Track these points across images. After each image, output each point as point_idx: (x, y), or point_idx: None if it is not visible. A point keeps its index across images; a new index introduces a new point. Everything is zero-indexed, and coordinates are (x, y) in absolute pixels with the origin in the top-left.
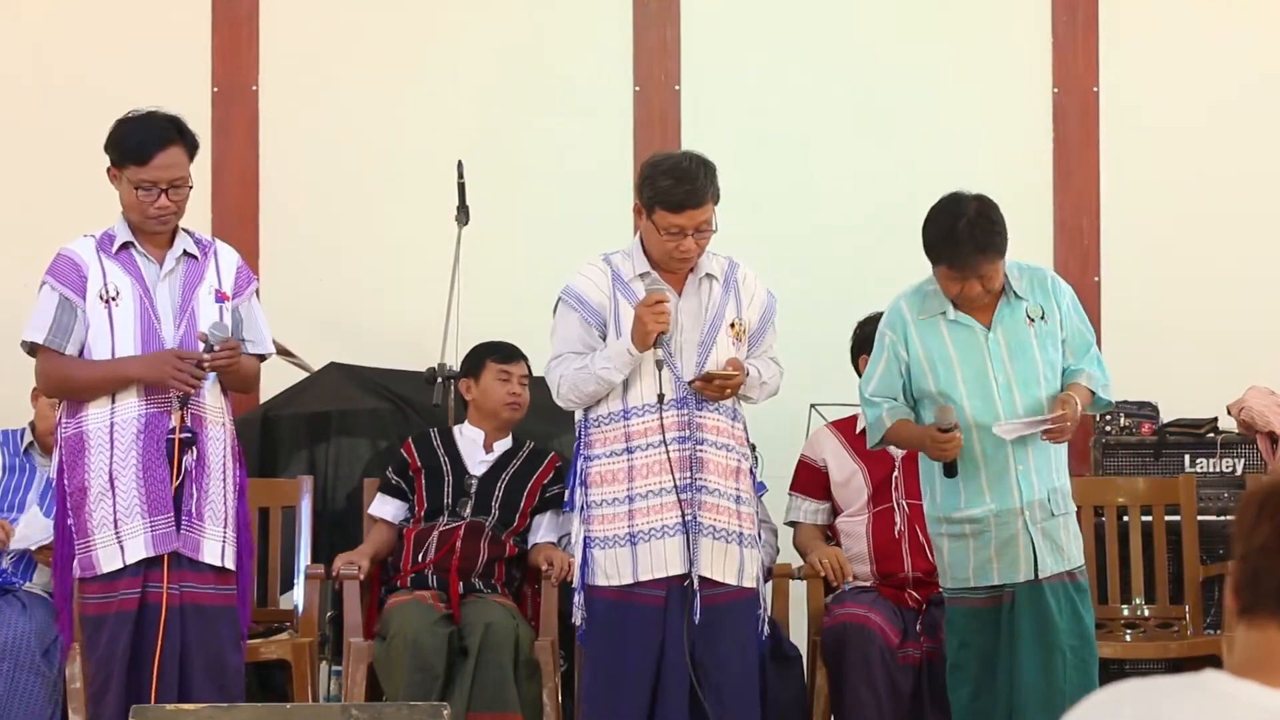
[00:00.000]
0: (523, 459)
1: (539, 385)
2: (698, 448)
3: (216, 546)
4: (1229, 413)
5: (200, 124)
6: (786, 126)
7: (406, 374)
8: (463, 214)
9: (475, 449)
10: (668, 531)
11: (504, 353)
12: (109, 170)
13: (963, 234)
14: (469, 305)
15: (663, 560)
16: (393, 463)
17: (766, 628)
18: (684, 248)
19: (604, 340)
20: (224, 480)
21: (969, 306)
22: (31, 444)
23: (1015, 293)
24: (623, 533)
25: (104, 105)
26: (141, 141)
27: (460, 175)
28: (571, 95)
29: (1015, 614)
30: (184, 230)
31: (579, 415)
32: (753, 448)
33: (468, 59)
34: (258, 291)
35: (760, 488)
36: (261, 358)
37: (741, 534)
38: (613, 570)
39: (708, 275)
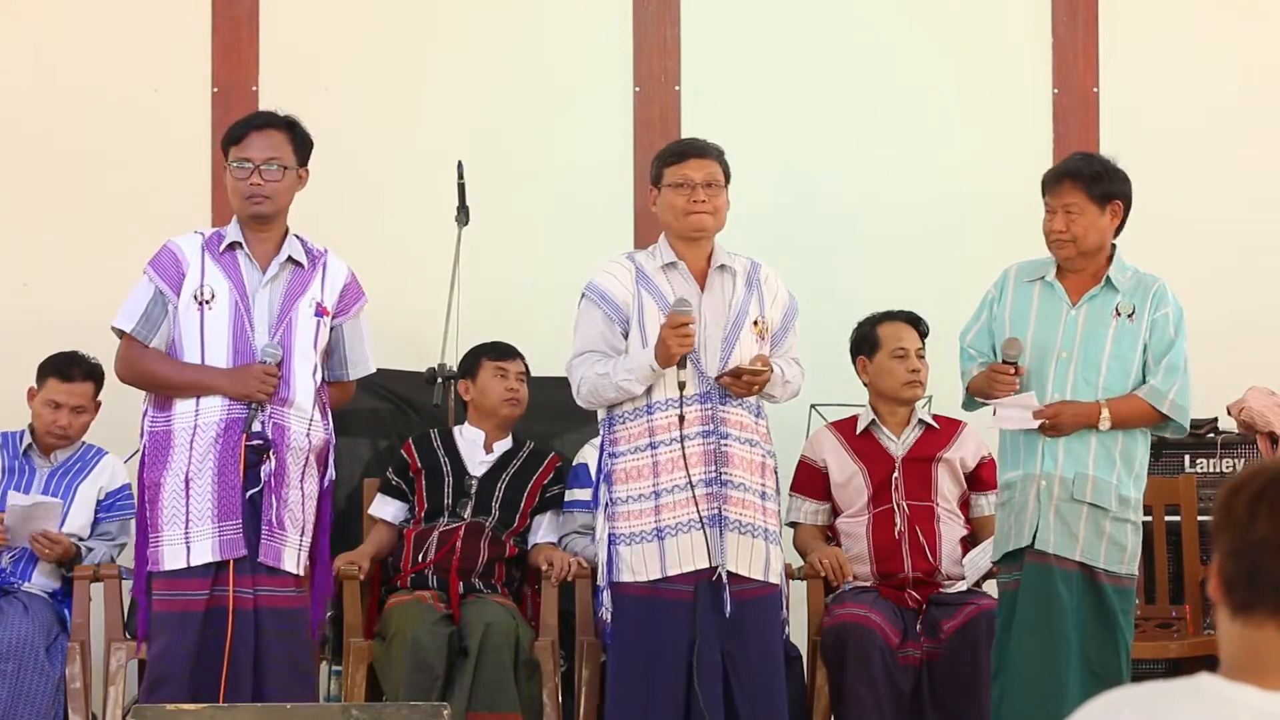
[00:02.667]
0: (523, 459)
1: (539, 384)
2: (722, 442)
3: (295, 554)
4: (1229, 413)
5: (200, 124)
6: (787, 127)
7: (406, 374)
8: (463, 214)
9: (475, 449)
10: (693, 525)
11: (499, 350)
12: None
13: (1068, 158)
14: (469, 305)
15: (690, 554)
16: (393, 463)
17: (789, 628)
18: (696, 199)
19: (625, 338)
20: (302, 487)
21: (1063, 255)
22: (31, 445)
23: (1113, 283)
24: (650, 528)
25: (104, 106)
26: (240, 125)
27: (460, 175)
28: (572, 95)
29: (1019, 593)
30: (297, 236)
31: (603, 412)
32: None
33: (468, 59)
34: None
35: None
36: (360, 379)
37: (767, 530)
38: (640, 566)
39: (723, 267)
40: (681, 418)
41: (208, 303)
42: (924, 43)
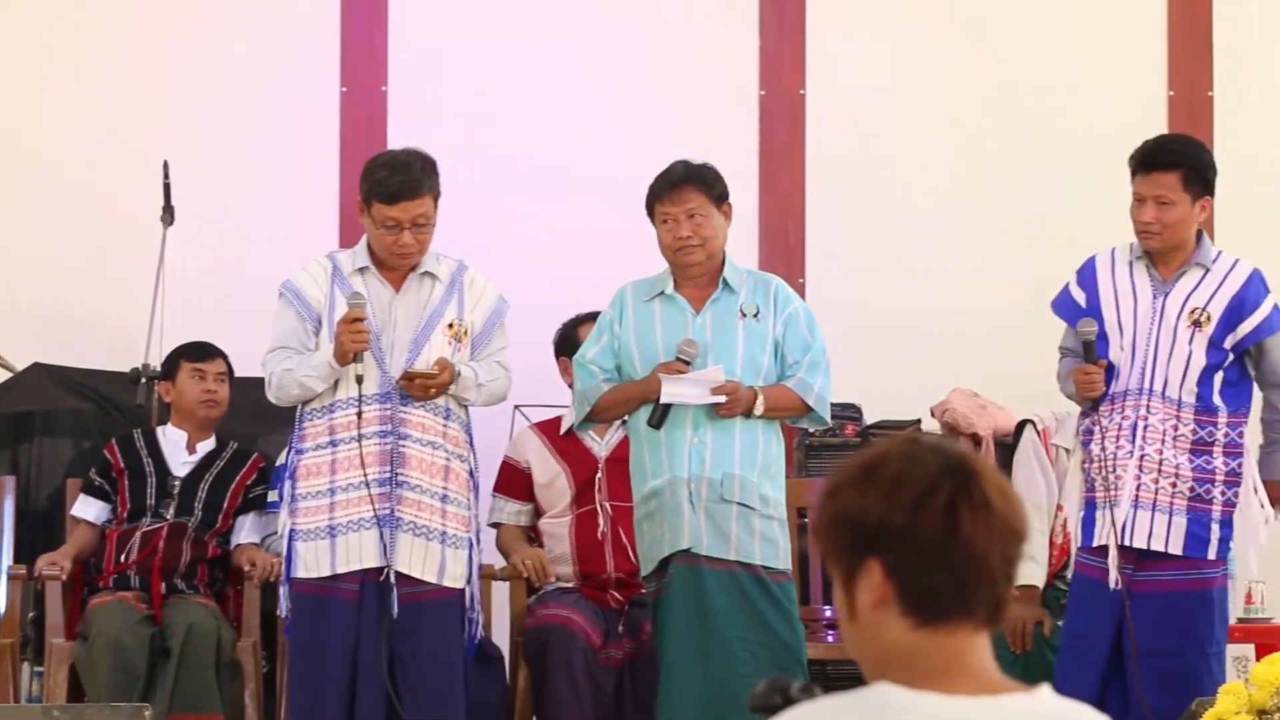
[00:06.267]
0: (226, 460)
1: (241, 385)
2: (400, 443)
3: None
4: (932, 415)
5: None
6: (495, 125)
7: (110, 374)
8: (168, 214)
9: (178, 450)
10: (364, 524)
11: (197, 352)
12: None
13: (675, 166)
14: (174, 305)
15: (358, 553)
16: (95, 463)
17: (480, 631)
18: (403, 242)
19: (317, 335)
20: None
21: (684, 267)
22: None
23: (730, 285)
24: (323, 525)
25: None
26: None
27: (166, 175)
28: (279, 96)
29: (669, 597)
30: None
31: (298, 408)
32: None
33: (175, 58)
34: None
35: None
36: None
37: (445, 533)
38: (313, 563)
39: (427, 273)
40: (359, 414)
41: None
42: (633, 40)
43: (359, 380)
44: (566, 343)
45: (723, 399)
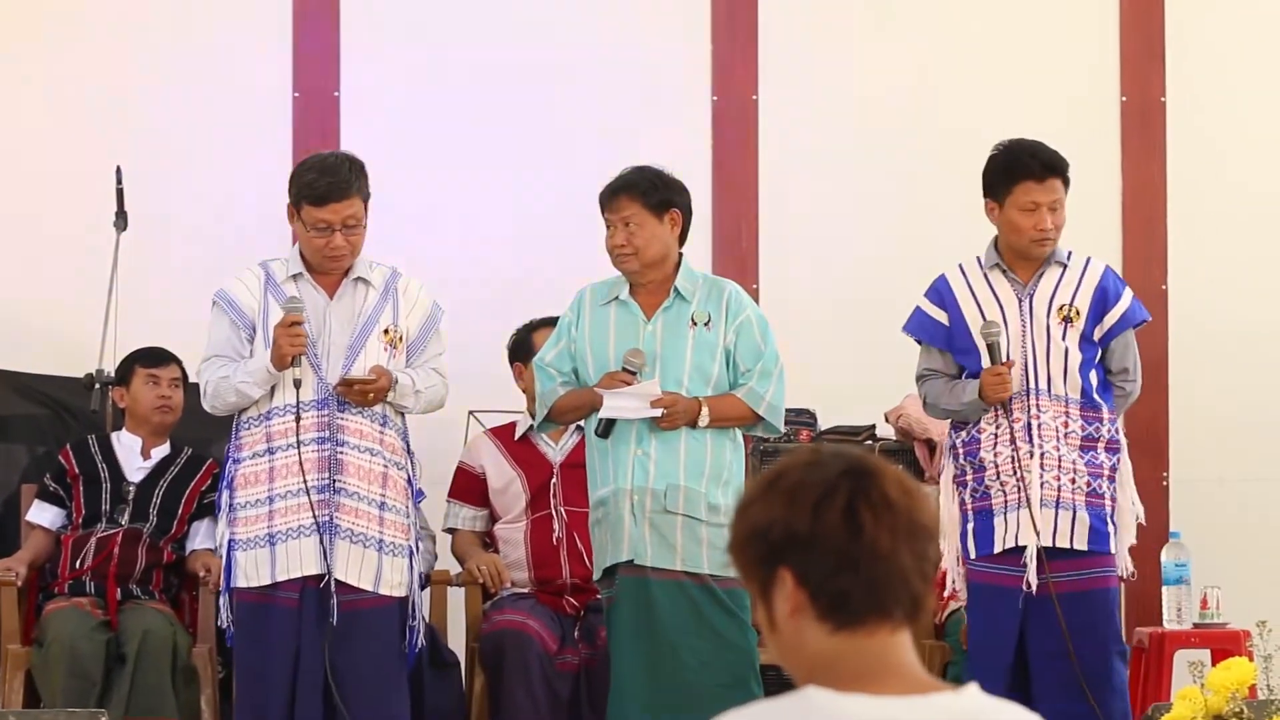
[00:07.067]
0: (180, 465)
1: (196, 391)
2: (338, 449)
3: None
4: (887, 420)
5: None
6: (447, 130)
7: (65, 380)
8: (121, 220)
9: (133, 456)
10: (303, 532)
11: (151, 357)
12: None
13: (621, 173)
14: (129, 311)
15: (298, 561)
16: (51, 469)
17: (421, 639)
18: (334, 245)
19: (251, 343)
20: None
21: (628, 269)
22: None
23: (682, 293)
24: (262, 534)
25: None
26: None
27: (119, 181)
28: (231, 102)
29: (616, 606)
30: None
31: (235, 417)
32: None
33: (128, 62)
34: None
35: (418, 495)
36: None
37: (382, 540)
38: (253, 571)
39: (360, 279)
40: (298, 418)
41: None
42: (585, 45)
43: (297, 385)
44: (520, 348)
45: (660, 412)
